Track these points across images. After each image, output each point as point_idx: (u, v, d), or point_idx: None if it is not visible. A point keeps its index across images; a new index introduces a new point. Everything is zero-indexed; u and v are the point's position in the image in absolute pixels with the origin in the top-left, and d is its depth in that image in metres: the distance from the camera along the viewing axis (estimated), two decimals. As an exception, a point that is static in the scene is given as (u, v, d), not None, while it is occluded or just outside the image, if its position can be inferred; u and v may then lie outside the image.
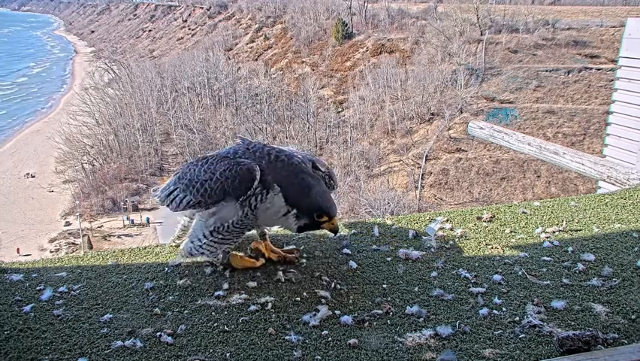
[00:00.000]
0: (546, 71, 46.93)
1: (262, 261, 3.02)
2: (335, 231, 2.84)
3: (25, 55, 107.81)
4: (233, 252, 3.02)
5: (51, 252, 36.91)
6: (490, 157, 41.04)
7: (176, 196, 2.90)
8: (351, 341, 2.33)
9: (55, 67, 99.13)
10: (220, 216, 2.76)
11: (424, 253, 3.20)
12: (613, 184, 4.85)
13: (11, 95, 78.33)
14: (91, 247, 35.67)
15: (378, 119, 49.95)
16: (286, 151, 2.86)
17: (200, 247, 2.84)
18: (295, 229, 2.78)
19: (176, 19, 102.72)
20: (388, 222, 3.71)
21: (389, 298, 2.69)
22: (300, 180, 2.73)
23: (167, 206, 2.99)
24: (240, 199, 2.67)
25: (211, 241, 2.81)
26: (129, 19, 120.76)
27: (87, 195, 46.41)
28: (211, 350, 2.29)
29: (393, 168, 44.24)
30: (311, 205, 2.71)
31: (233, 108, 58.98)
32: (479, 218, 3.77)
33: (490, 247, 3.29)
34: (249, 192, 2.65)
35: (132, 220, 42.32)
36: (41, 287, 2.84)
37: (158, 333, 2.40)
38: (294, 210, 2.70)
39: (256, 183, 2.65)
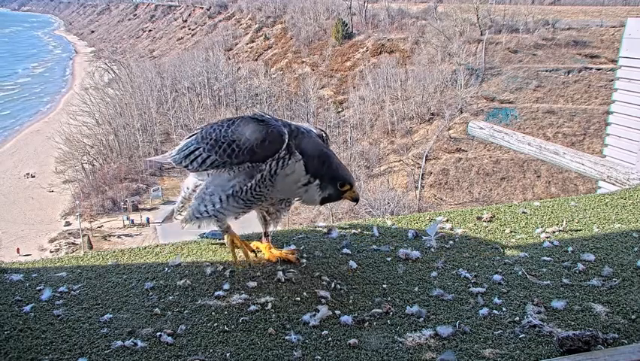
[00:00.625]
0: (546, 71, 46.96)
1: (253, 256, 3.07)
2: (357, 199, 2.87)
3: (25, 55, 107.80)
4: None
5: (51, 252, 36.92)
6: (490, 157, 41.06)
7: (199, 156, 2.82)
8: (351, 341, 2.33)
9: (55, 67, 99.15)
10: (239, 180, 2.72)
11: (424, 253, 3.20)
12: (613, 184, 4.85)
13: (11, 95, 78.32)
14: (91, 247, 35.68)
15: (378, 119, 49.96)
16: (302, 125, 2.88)
17: (213, 209, 2.80)
18: (319, 200, 2.78)
19: (176, 19, 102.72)
20: (388, 222, 3.71)
21: (389, 298, 2.69)
22: (319, 151, 2.75)
23: (186, 167, 2.92)
24: (267, 162, 2.64)
25: (224, 206, 2.78)
26: (129, 19, 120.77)
27: (87, 195, 46.42)
28: (211, 350, 2.29)
29: (393, 168, 44.25)
30: (334, 175, 2.73)
31: (233, 108, 58.94)
32: (479, 218, 3.77)
33: (490, 247, 3.29)
34: (276, 155, 2.64)
35: (132, 220, 42.33)
36: (41, 287, 2.84)
37: (158, 333, 2.40)
38: (317, 181, 2.71)
39: (284, 146, 2.64)
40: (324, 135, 2.98)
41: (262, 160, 2.64)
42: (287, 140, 2.65)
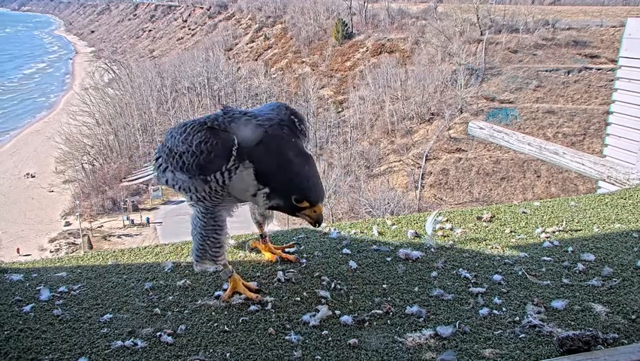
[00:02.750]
0: (546, 71, 46.95)
1: (258, 297, 2.71)
2: (317, 221, 2.47)
3: (25, 55, 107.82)
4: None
5: (51, 252, 36.90)
6: (490, 157, 41.06)
7: (161, 164, 2.71)
8: (351, 341, 2.33)
9: (55, 67, 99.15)
10: (197, 187, 2.53)
11: (424, 253, 3.20)
12: (613, 184, 4.85)
13: (11, 95, 78.33)
14: (91, 247, 35.67)
15: (378, 119, 49.96)
16: (269, 118, 2.53)
17: (203, 239, 2.61)
18: (265, 208, 2.55)
19: (176, 19, 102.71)
20: (388, 222, 3.71)
21: (389, 298, 2.69)
22: (278, 153, 2.40)
23: (165, 183, 2.73)
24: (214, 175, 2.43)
25: (209, 225, 2.59)
26: (129, 19, 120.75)
27: (87, 195, 46.41)
28: (211, 350, 2.29)
29: (393, 168, 44.25)
30: (288, 185, 2.38)
31: (233, 108, 58.85)
32: (479, 218, 3.77)
33: (490, 247, 3.29)
34: (223, 168, 2.40)
35: (132, 220, 42.32)
36: (41, 287, 2.84)
37: (158, 333, 2.40)
38: (265, 189, 2.41)
39: (232, 158, 2.39)
40: (298, 122, 2.61)
41: (210, 173, 2.42)
42: (235, 151, 2.38)
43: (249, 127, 2.44)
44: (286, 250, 3.20)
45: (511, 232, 3.53)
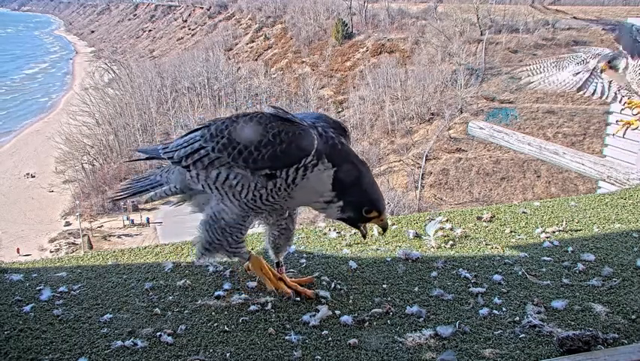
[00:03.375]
0: (546, 71, 46.85)
1: (286, 289, 2.65)
2: (385, 228, 2.47)
3: (25, 55, 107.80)
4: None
5: (51, 252, 36.88)
6: (490, 157, 41.04)
7: (205, 156, 2.37)
8: (351, 341, 2.33)
9: (55, 67, 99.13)
10: (249, 186, 2.31)
11: (424, 253, 3.20)
12: (613, 184, 4.85)
13: (11, 95, 78.32)
14: (91, 247, 35.66)
15: (378, 119, 49.95)
16: (326, 125, 2.43)
17: (224, 236, 2.42)
18: (335, 218, 2.44)
19: (176, 19, 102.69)
20: (388, 222, 3.71)
21: (389, 298, 2.69)
22: (351, 165, 2.29)
23: (186, 167, 2.45)
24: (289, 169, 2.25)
25: (236, 226, 2.39)
26: (129, 19, 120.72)
27: (87, 195, 46.39)
28: (211, 350, 2.29)
29: (394, 168, 44.23)
30: (361, 197, 2.31)
31: (233, 108, 58.93)
32: (479, 218, 3.77)
33: (490, 247, 3.29)
34: (302, 162, 2.23)
35: (132, 220, 42.30)
36: (41, 287, 2.84)
37: (158, 333, 2.40)
38: (340, 202, 2.31)
39: (313, 152, 2.23)
40: (346, 130, 2.52)
41: (285, 167, 2.24)
42: (316, 145, 2.24)
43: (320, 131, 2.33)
44: (303, 284, 2.80)
45: (511, 232, 3.53)
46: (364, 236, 2.52)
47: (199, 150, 2.40)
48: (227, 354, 2.26)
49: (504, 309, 2.59)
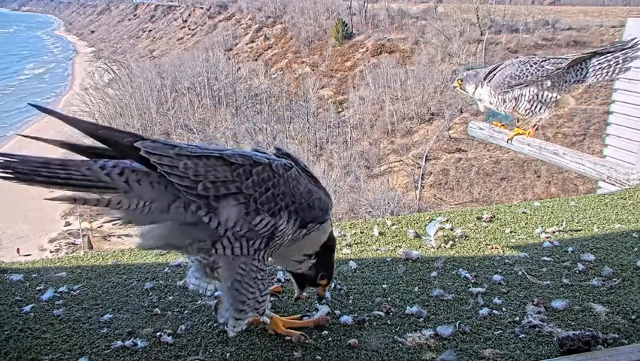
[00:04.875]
0: (546, 71, 46.84)
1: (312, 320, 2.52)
2: (323, 298, 2.53)
3: (25, 55, 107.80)
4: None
5: (51, 252, 36.86)
6: (490, 157, 41.03)
7: (242, 203, 2.09)
8: (351, 341, 2.33)
9: (55, 67, 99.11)
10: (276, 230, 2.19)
11: (424, 253, 3.20)
12: (613, 184, 4.85)
13: (11, 95, 78.33)
14: (91, 247, 35.65)
15: (378, 119, 49.94)
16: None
17: (256, 284, 2.20)
18: (293, 270, 2.42)
19: (176, 20, 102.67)
20: (388, 222, 3.71)
21: (389, 298, 2.69)
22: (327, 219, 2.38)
23: (209, 208, 2.06)
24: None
25: (258, 280, 2.21)
26: (129, 20, 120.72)
27: (87, 196, 46.31)
28: (211, 350, 2.29)
29: (393, 168, 44.22)
30: (327, 264, 2.43)
31: (233, 108, 58.94)
32: (479, 218, 3.77)
33: (490, 247, 3.29)
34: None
35: (132, 220, 42.27)
36: (41, 287, 2.84)
37: (158, 333, 2.40)
38: (314, 260, 2.39)
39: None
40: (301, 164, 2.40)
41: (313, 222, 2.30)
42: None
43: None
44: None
45: (511, 232, 3.53)
46: (297, 298, 2.56)
47: (236, 194, 2.08)
48: (227, 354, 2.26)
49: (504, 309, 2.59)
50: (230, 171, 2.08)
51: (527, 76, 4.93)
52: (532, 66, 4.95)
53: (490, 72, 5.30)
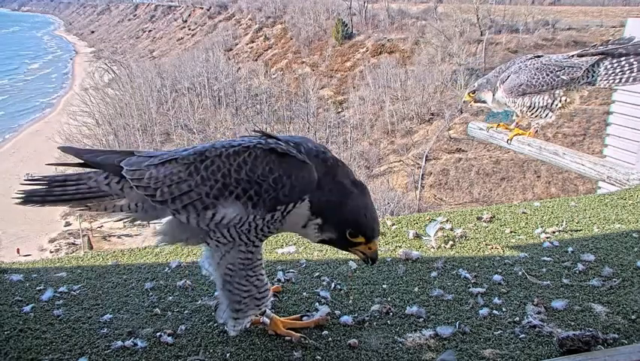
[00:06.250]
0: (546, 71, 46.81)
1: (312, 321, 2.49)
2: (372, 259, 2.23)
3: (25, 55, 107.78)
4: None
5: (51, 252, 36.86)
6: (490, 157, 41.03)
7: (196, 200, 2.11)
8: (351, 341, 2.33)
9: (55, 67, 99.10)
10: (248, 218, 2.11)
11: (424, 253, 3.20)
12: (613, 185, 4.84)
13: (11, 95, 78.32)
14: (91, 248, 35.64)
15: (378, 119, 49.95)
16: (315, 146, 2.26)
17: (250, 281, 2.20)
18: (315, 241, 2.24)
19: (176, 20, 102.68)
20: (388, 222, 3.71)
21: (389, 299, 2.69)
22: (336, 182, 2.15)
23: (176, 211, 2.15)
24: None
25: (254, 270, 2.20)
26: (129, 20, 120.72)
27: (87, 196, 46.30)
28: (211, 350, 2.29)
29: (393, 168, 44.22)
30: (343, 218, 2.13)
31: (233, 108, 58.95)
32: (479, 218, 3.77)
33: (490, 247, 3.29)
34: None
35: (132, 220, 42.26)
36: (41, 287, 2.84)
37: (158, 333, 2.40)
38: (318, 220, 2.14)
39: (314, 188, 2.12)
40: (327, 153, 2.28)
41: (286, 204, 2.11)
42: (317, 177, 2.12)
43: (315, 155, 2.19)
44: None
45: (511, 232, 3.53)
46: (366, 262, 2.26)
47: (189, 192, 2.11)
48: (227, 354, 2.26)
49: (504, 309, 2.59)
50: (184, 171, 2.14)
51: (543, 85, 4.96)
52: (548, 75, 4.94)
53: (501, 73, 5.29)
